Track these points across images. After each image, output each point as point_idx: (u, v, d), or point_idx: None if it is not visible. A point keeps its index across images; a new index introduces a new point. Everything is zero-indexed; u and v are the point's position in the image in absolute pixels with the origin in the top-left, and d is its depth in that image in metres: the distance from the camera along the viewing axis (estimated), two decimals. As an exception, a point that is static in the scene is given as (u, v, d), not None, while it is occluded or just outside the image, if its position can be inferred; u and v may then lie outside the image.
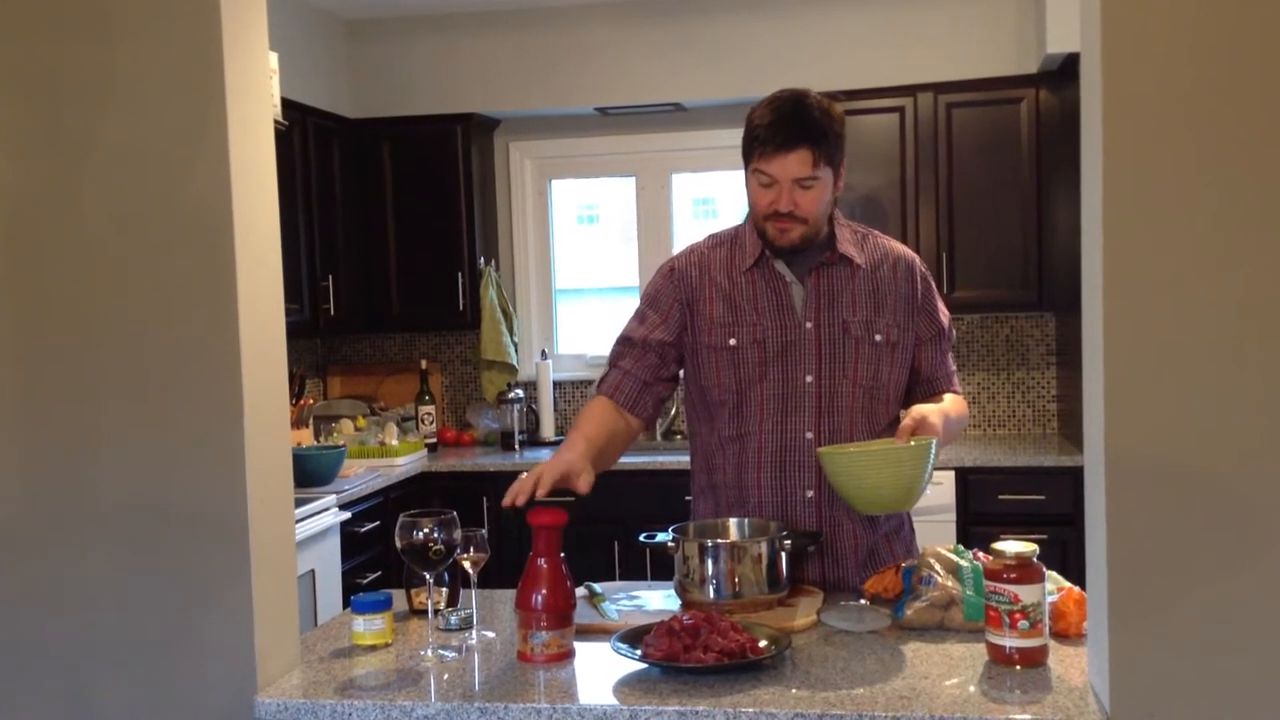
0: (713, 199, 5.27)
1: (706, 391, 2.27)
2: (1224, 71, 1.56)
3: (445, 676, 1.86)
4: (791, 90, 2.19)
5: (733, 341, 2.23)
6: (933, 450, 2.05)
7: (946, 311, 2.37)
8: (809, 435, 2.21)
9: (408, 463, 4.62)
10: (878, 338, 2.24)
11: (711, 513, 2.30)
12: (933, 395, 2.31)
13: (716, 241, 2.34)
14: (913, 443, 2.05)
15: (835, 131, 2.17)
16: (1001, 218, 4.52)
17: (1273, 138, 1.55)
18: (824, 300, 2.24)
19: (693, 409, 2.36)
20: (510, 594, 2.05)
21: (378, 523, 4.23)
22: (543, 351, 5.20)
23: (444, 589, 2.14)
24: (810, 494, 2.23)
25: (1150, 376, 1.58)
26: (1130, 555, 1.59)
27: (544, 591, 1.87)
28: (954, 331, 2.40)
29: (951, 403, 2.27)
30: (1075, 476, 4.03)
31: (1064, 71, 4.30)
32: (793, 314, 2.24)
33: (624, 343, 2.32)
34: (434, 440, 5.03)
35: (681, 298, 2.29)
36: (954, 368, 2.38)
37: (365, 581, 4.10)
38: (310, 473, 4.02)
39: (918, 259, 2.35)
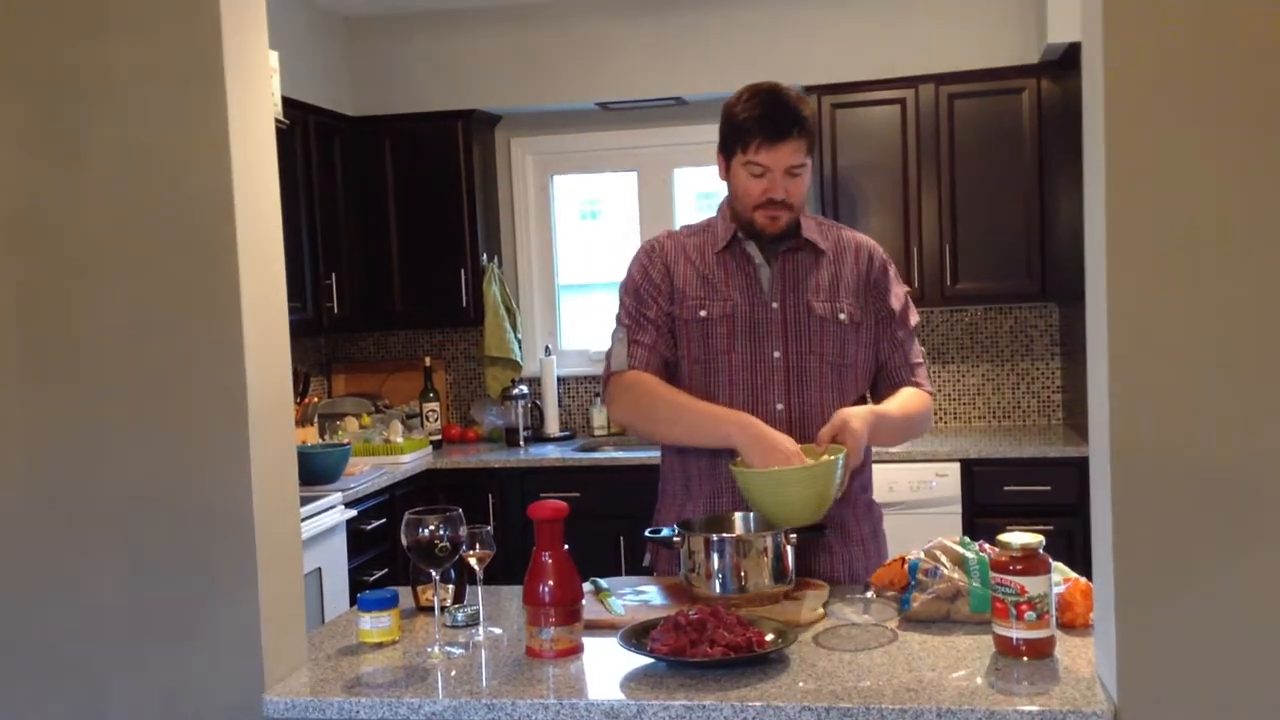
0: (715, 193, 5.25)
1: (675, 365, 2.33)
2: (1226, 59, 1.55)
3: (452, 673, 1.86)
4: (767, 83, 2.29)
5: (703, 314, 2.31)
6: (839, 466, 2.09)
7: (905, 300, 2.41)
8: (779, 407, 2.28)
9: (413, 460, 4.62)
10: (842, 316, 2.32)
11: (682, 484, 2.35)
12: (891, 388, 2.36)
13: (690, 231, 2.43)
14: (827, 458, 2.09)
15: (814, 120, 2.30)
16: (1004, 208, 4.51)
17: (1275, 124, 1.54)
18: (789, 283, 2.32)
19: None
20: (517, 589, 2.05)
21: (384, 520, 4.23)
22: (546, 347, 5.19)
23: (450, 586, 2.14)
24: None
25: (1155, 366, 1.58)
26: (1136, 545, 1.59)
27: (550, 584, 1.87)
28: (913, 317, 2.41)
29: (901, 400, 2.32)
30: (1080, 467, 4.02)
31: (1065, 61, 4.29)
32: (761, 293, 2.31)
33: (638, 317, 2.34)
34: (439, 437, 5.03)
35: (665, 270, 2.36)
36: (918, 360, 2.41)
37: (372, 579, 4.10)
38: (315, 471, 4.02)
39: (879, 248, 2.43)
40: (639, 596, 2.17)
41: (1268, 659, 1.57)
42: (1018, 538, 1.80)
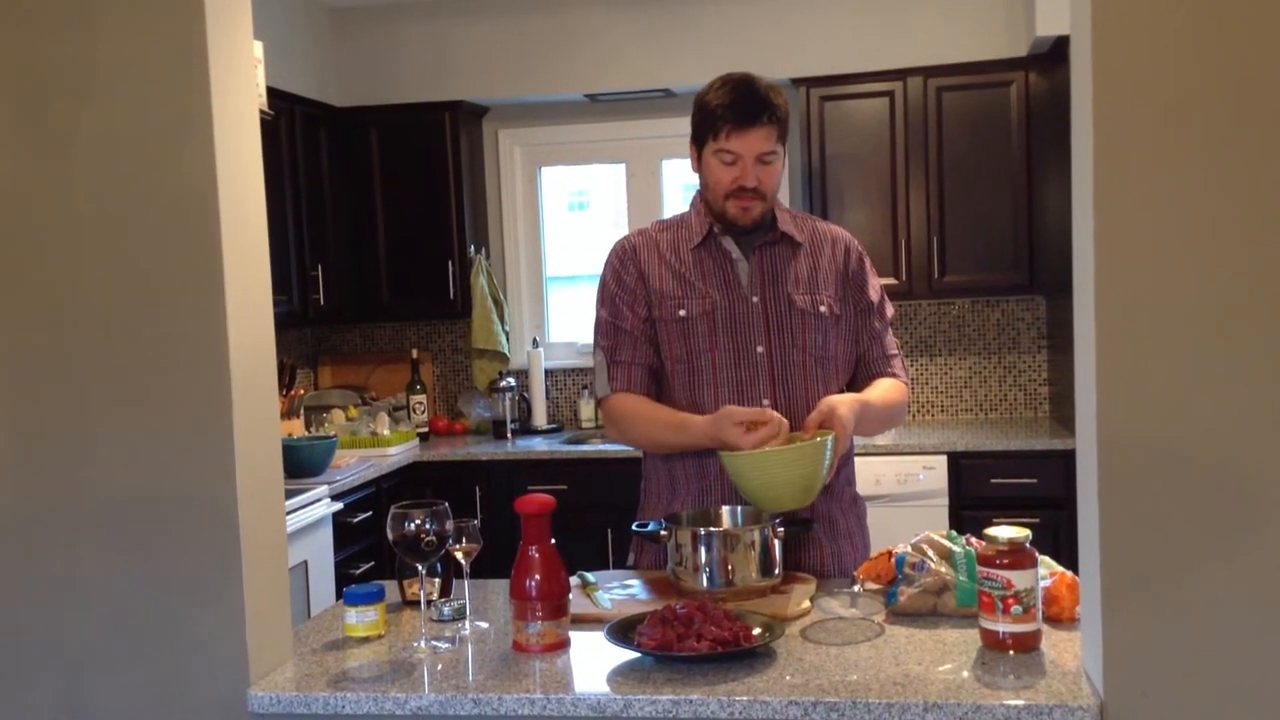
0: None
1: (659, 369, 2.31)
2: (1213, 52, 1.55)
3: (438, 668, 1.85)
4: (739, 73, 2.28)
5: (682, 313, 2.29)
6: (828, 447, 2.07)
7: (881, 291, 2.42)
8: (765, 402, 2.27)
9: (399, 452, 4.61)
10: (822, 309, 2.31)
11: (667, 484, 2.34)
12: (869, 379, 2.36)
13: (662, 226, 2.41)
14: (817, 439, 2.07)
15: (786, 109, 2.27)
16: (992, 201, 4.52)
17: (1262, 117, 1.54)
18: (768, 276, 2.31)
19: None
20: (503, 584, 2.05)
21: (370, 513, 4.22)
22: (534, 339, 5.18)
23: (437, 580, 2.13)
24: None
25: (1142, 358, 1.58)
26: (1123, 538, 1.59)
27: (537, 578, 1.87)
28: (889, 309, 2.43)
29: (882, 390, 2.32)
30: (1067, 460, 4.03)
31: (1053, 54, 4.29)
32: (739, 288, 2.30)
33: (614, 333, 2.33)
34: (426, 430, 5.01)
35: (639, 272, 2.34)
36: (894, 351, 2.41)
37: (358, 572, 4.09)
38: (302, 463, 4.01)
39: (854, 239, 2.43)
40: (626, 591, 2.17)
41: (1254, 653, 1.57)
42: (1005, 531, 1.80)
